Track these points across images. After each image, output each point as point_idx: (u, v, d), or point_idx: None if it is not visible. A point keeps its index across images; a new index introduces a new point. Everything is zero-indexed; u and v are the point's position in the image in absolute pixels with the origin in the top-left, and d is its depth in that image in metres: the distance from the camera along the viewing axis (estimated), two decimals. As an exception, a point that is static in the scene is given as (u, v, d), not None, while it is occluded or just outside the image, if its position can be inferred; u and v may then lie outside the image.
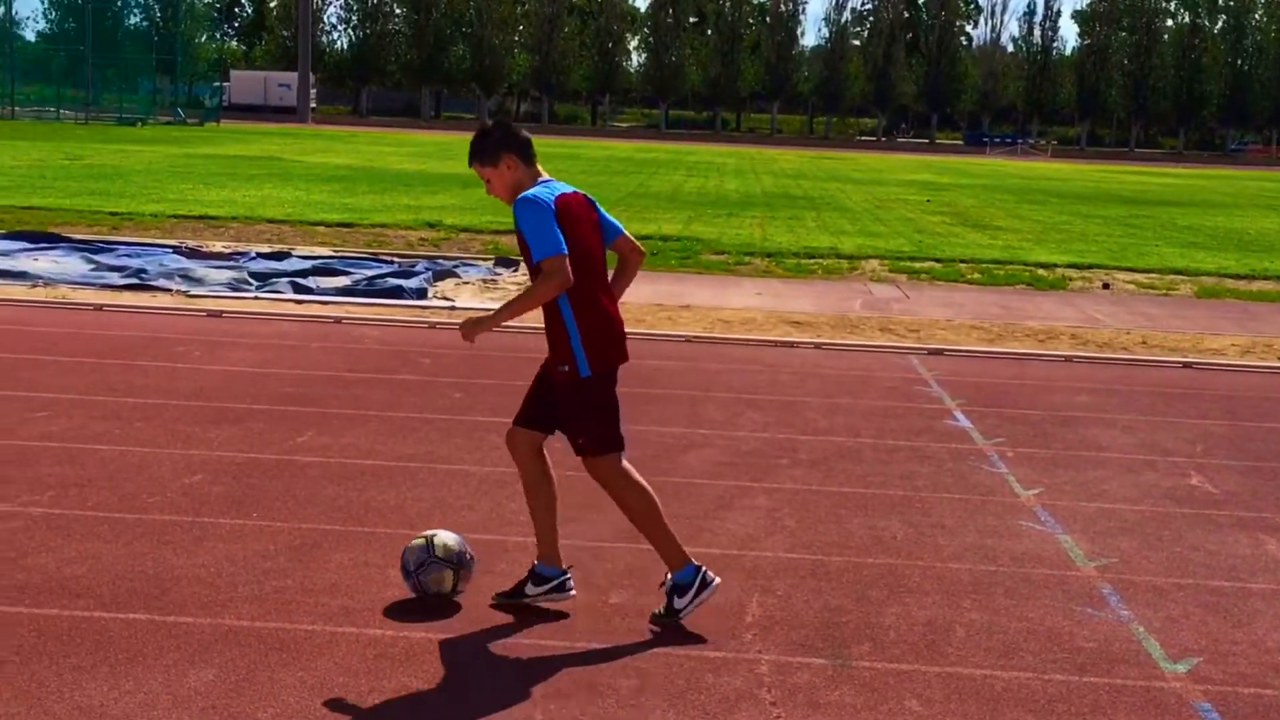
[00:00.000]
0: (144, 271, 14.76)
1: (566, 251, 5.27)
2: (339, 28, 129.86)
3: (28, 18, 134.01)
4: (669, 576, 5.50)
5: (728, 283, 16.67)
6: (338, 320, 12.67)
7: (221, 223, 20.18)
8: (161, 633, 5.10)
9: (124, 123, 69.18)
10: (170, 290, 13.97)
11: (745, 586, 5.97)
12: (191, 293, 13.87)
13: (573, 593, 5.61)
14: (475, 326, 5.40)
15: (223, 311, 12.82)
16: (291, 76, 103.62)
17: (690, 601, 5.44)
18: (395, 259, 17.01)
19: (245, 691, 4.65)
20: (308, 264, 15.95)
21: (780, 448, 8.58)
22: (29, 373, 9.67)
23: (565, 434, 5.51)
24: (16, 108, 71.75)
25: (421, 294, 14.29)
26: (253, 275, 14.91)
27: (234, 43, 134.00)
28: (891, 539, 6.78)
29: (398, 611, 5.44)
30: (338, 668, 4.89)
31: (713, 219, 25.73)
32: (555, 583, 5.58)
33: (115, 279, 14.38)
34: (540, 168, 5.51)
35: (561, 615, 5.50)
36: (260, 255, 16.59)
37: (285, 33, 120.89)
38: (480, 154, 5.44)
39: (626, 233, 5.75)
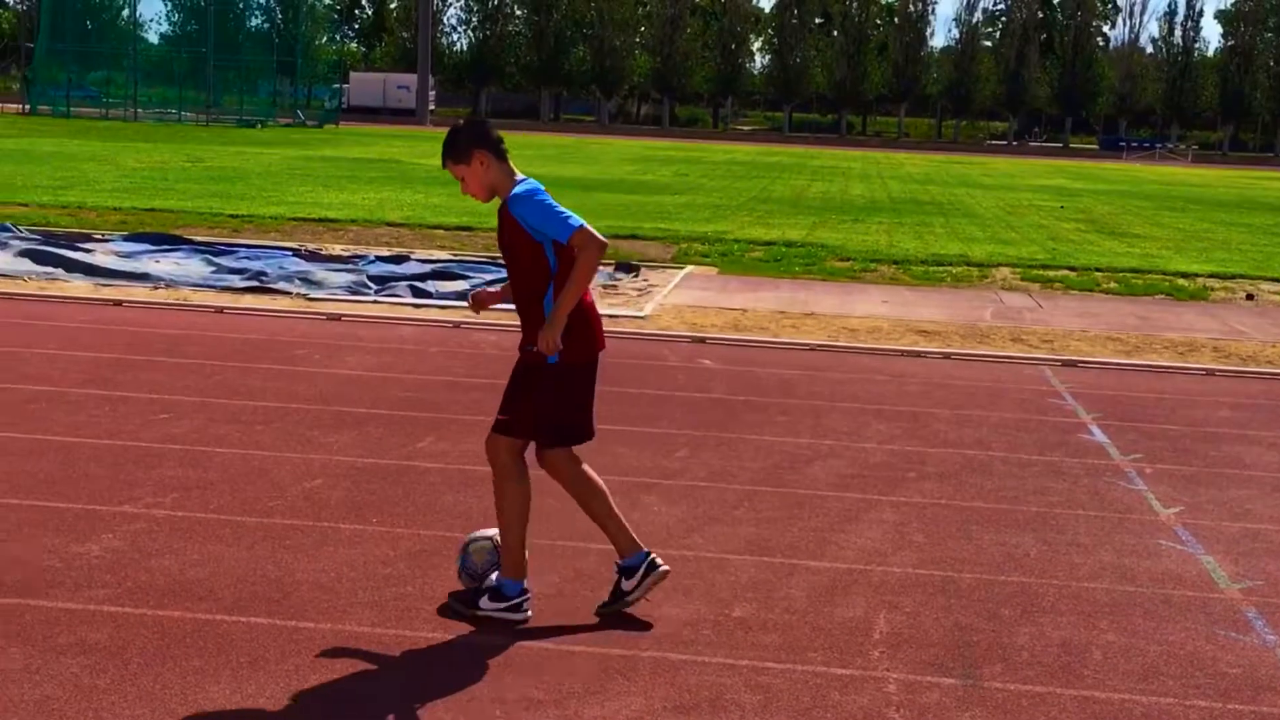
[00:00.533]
0: (264, 274, 15.02)
1: (584, 223, 5.35)
2: (459, 29, 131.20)
3: (151, 20, 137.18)
4: (495, 580, 5.55)
5: (853, 290, 16.59)
6: (456, 325, 12.80)
7: (341, 226, 20.49)
8: (283, 637, 5.18)
9: (244, 125, 70.52)
10: (290, 293, 14.21)
11: (872, 602, 5.94)
12: (311, 296, 14.09)
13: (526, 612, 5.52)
14: (553, 335, 5.36)
15: (342, 315, 13.01)
16: (411, 78, 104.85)
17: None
18: (514, 263, 17.13)
19: (369, 696, 4.71)
20: (426, 268, 16.14)
21: (908, 460, 8.52)
22: (152, 374, 9.89)
23: (501, 405, 5.56)
24: (139, 110, 73.44)
25: (541, 299, 14.38)
26: (371, 279, 15.12)
27: (353, 44, 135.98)
28: (1024, 556, 6.70)
29: (518, 621, 5.48)
30: (458, 674, 4.94)
31: (837, 224, 25.61)
32: (644, 564, 5.60)
33: (236, 281, 14.66)
34: (513, 165, 5.56)
35: (685, 625, 5.50)
36: (379, 259, 16.81)
37: (405, 34, 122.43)
38: (452, 152, 5.50)
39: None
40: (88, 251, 15.91)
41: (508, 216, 5.44)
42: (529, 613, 5.51)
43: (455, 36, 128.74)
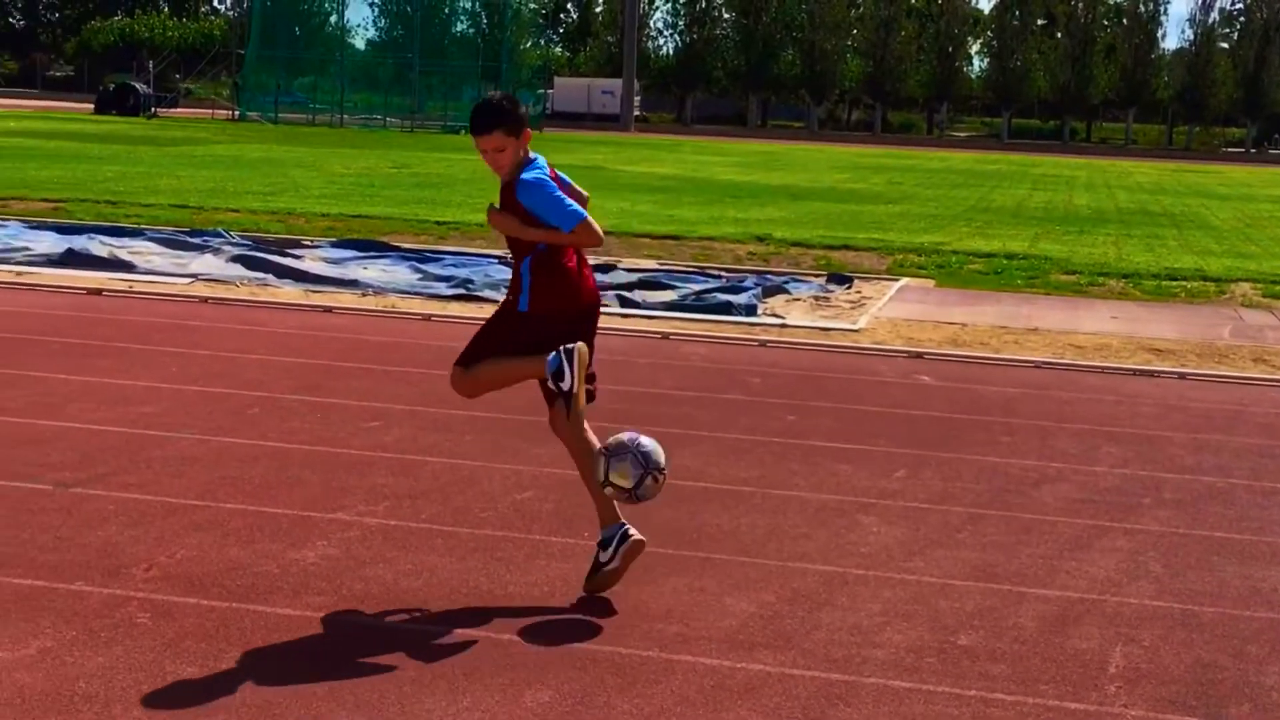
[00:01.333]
0: (470, 282, 15.30)
1: (586, 215, 5.87)
2: (665, 33, 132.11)
3: (358, 26, 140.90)
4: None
5: (1079, 305, 16.27)
6: (664, 336, 12.88)
7: (546, 233, 20.73)
8: (496, 650, 5.27)
9: (448, 131, 71.87)
10: (496, 301, 14.43)
11: (1106, 635, 5.81)
12: (518, 304, 14.29)
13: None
14: (500, 221, 6.00)
15: (549, 324, 13.16)
16: (615, 83, 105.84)
17: (612, 554, 5.86)
18: (723, 273, 17.19)
19: (582, 715, 4.78)
20: (633, 277, 16.26)
21: (1142, 485, 8.32)
22: (361, 381, 10.15)
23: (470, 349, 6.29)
24: (345, 116, 75.41)
25: (751, 310, 14.40)
26: (578, 288, 15.27)
27: (558, 49, 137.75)
28: (1272, 591, 6.50)
29: (735, 641, 5.50)
30: (674, 696, 4.97)
31: (1062, 236, 25.15)
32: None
33: (442, 289, 14.96)
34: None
35: (909, 652, 5.45)
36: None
37: (610, 38, 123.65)
38: (507, 122, 5.83)
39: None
40: (297, 258, 16.38)
41: (514, 196, 5.92)
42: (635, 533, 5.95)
43: (661, 40, 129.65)
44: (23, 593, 5.57)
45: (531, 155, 5.99)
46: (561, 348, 5.97)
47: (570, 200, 5.92)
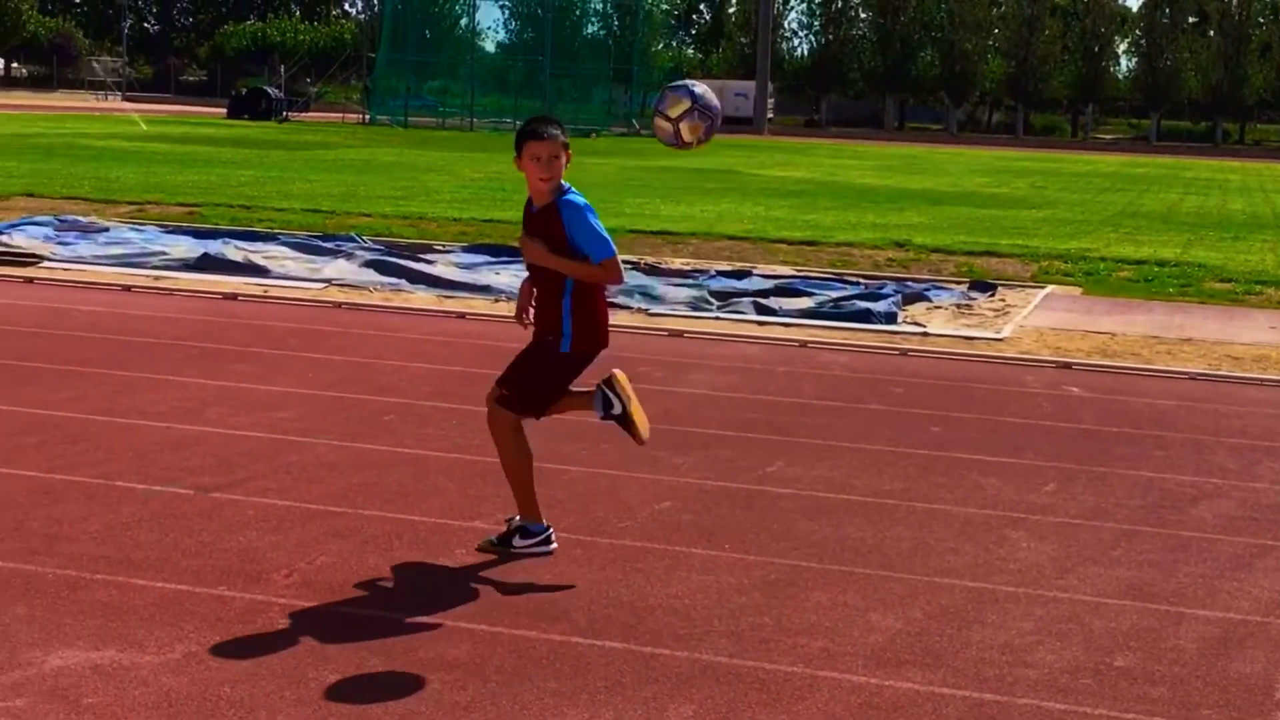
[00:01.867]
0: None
1: (616, 252, 6.36)
2: (800, 34, 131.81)
3: (488, 28, 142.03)
4: (517, 519, 6.57)
5: (1235, 314, 15.95)
6: (802, 344, 12.85)
7: (680, 239, 20.80)
8: (639, 663, 5.30)
9: (578, 134, 72.21)
10: (630, 308, 14.50)
11: (1272, 659, 5.69)
12: (652, 311, 14.35)
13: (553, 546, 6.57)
14: (539, 255, 6.39)
15: (684, 331, 13.21)
16: (749, 85, 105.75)
17: (528, 546, 6.50)
18: (861, 280, 17.10)
19: (726, 731, 4.78)
20: (769, 283, 16.24)
21: (1306, 503, 8.14)
22: (497, 388, 10.23)
23: (501, 377, 6.62)
24: (475, 119, 76.15)
25: (891, 318, 14.31)
26: (713, 294, 15.30)
27: (690, 50, 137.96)
28: None
29: (881, 658, 5.47)
30: (821, 714, 4.95)
31: (1215, 242, 24.68)
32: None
33: (576, 295, 15.03)
34: None
35: (1063, 673, 5.38)
36: (720, 273, 17.00)
37: (743, 39, 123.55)
38: (564, 134, 6.37)
39: None
40: (429, 263, 16.57)
41: (555, 215, 6.28)
42: (555, 545, 6.55)
43: (796, 41, 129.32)
44: (167, 597, 5.70)
45: (566, 184, 6.38)
46: (600, 386, 6.56)
47: (605, 232, 6.33)
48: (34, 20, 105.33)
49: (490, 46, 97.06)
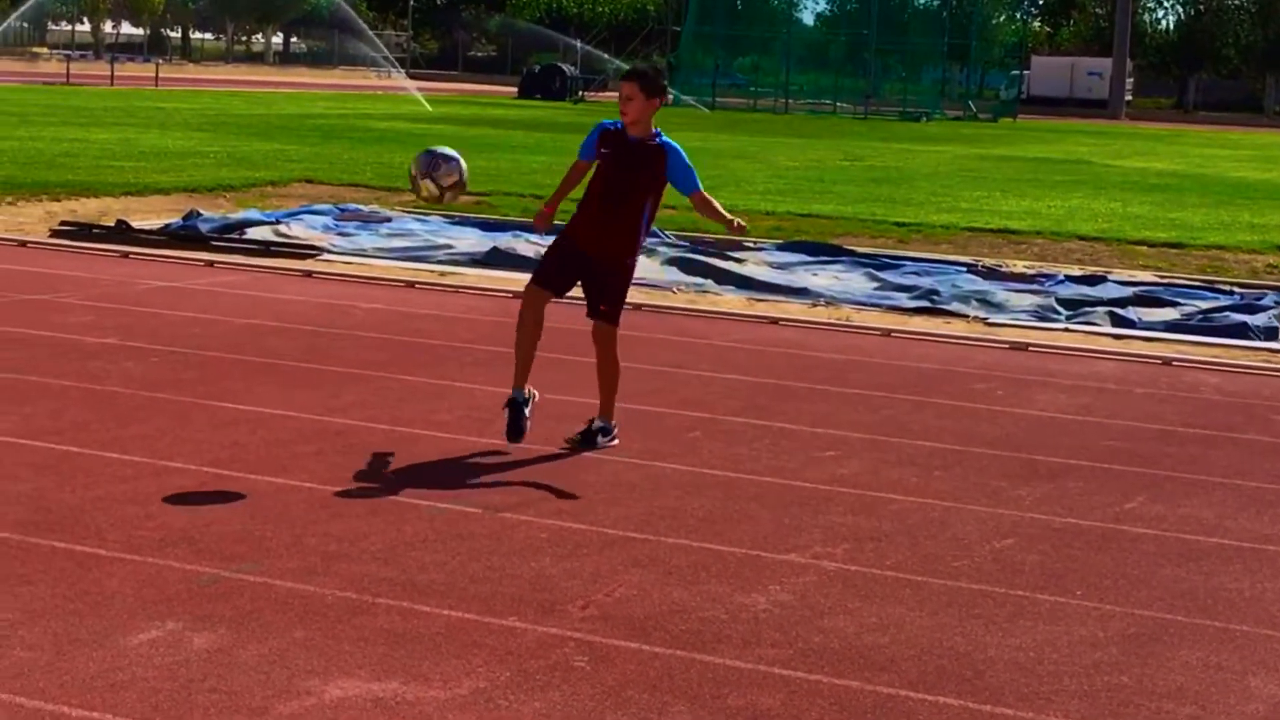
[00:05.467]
0: (935, 293, 15.23)
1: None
2: (1165, 4, 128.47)
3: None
4: (597, 420, 8.70)
5: None
6: (1166, 361, 12.52)
7: (1023, 238, 20.49)
8: (976, 723, 5.23)
9: (906, 118, 71.89)
10: (966, 316, 14.34)
11: None
12: (990, 320, 14.17)
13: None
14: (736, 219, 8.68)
15: (1028, 344, 13.01)
16: (1104, 63, 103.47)
17: (609, 441, 8.68)
18: (1235, 289, 16.56)
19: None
20: (1127, 291, 15.86)
21: None
22: (814, 404, 10.24)
23: (598, 300, 8.61)
24: (790, 100, 76.30)
25: (1270, 334, 13.84)
26: (1061, 302, 15.02)
27: (1036, 23, 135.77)
28: None
29: (1262, 732, 5.28)
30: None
31: None
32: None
33: (903, 300, 14.94)
34: None
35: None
36: (1069, 278, 16.68)
37: (1099, 10, 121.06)
38: (649, 85, 8.54)
39: None
40: (739, 261, 16.66)
41: (658, 153, 8.56)
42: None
43: (1160, 13, 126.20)
44: (454, 626, 5.84)
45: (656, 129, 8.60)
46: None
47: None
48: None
49: (808, 19, 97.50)
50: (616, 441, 8.71)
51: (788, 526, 7.41)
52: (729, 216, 8.56)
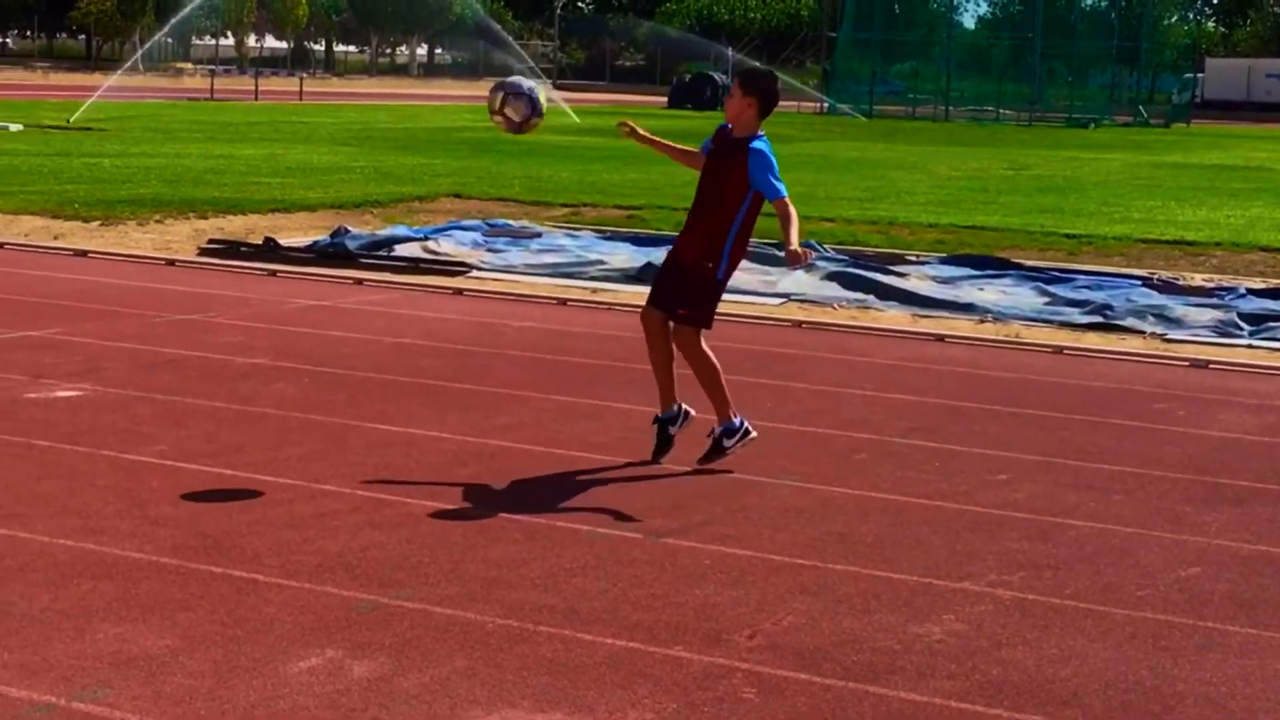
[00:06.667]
0: (1109, 308, 15.04)
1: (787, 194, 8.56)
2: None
3: (968, 0, 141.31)
4: (717, 429, 8.68)
5: None
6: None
7: (1201, 249, 20.18)
8: (1166, 762, 5.15)
9: (1073, 124, 71.15)
10: (1142, 332, 14.15)
11: None
12: (1168, 336, 13.97)
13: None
14: (799, 255, 8.43)
15: (1209, 362, 12.81)
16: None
17: (736, 443, 8.66)
18: None
19: None
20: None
21: None
22: (984, 425, 10.16)
23: (672, 305, 8.60)
24: (950, 107, 75.76)
25: None
26: (1243, 317, 14.78)
27: (1210, 24, 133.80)
28: None
29: None
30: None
31: None
32: (684, 416, 8.82)
33: (1075, 316, 14.77)
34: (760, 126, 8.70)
35: None
36: (1251, 292, 16.40)
37: (1278, 9, 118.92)
38: (745, 85, 8.72)
39: None
40: (901, 276, 16.58)
41: (742, 156, 8.54)
42: (755, 432, 8.78)
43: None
44: (618, 655, 5.87)
45: (760, 132, 8.66)
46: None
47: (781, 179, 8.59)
48: (460, 3, 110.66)
49: (969, 22, 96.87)
50: (752, 435, 8.72)
51: (961, 553, 7.36)
52: (792, 244, 8.39)
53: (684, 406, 8.78)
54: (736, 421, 8.68)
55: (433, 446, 8.97)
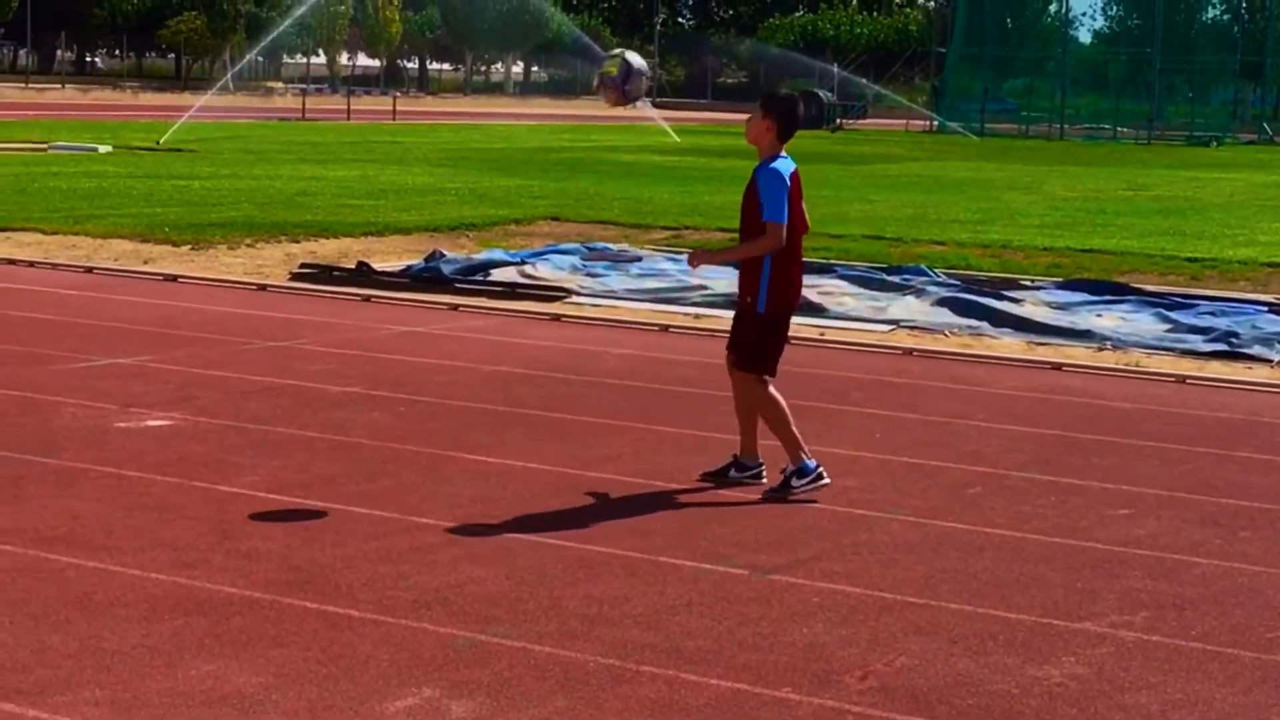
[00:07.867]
0: (1234, 335, 14.89)
1: (786, 222, 8.60)
2: None
3: (1083, 14, 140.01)
4: (789, 468, 8.71)
5: None
6: None
7: (1331, 273, 19.92)
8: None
9: (1194, 142, 70.53)
10: (1270, 360, 13.99)
11: None
12: (1297, 365, 13.82)
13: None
14: (702, 257, 9.33)
15: (1340, 391, 12.65)
16: None
17: (805, 485, 8.67)
18: None
19: None
20: None
21: None
22: (1103, 458, 10.08)
23: (729, 347, 8.93)
24: (1065, 125, 75.30)
25: None
26: (1378, 344, 14.58)
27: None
28: None
29: None
30: None
31: None
32: (753, 471, 8.96)
33: (1198, 343, 14.63)
34: (783, 148, 8.83)
35: None
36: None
37: None
38: (766, 105, 8.83)
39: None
40: (1015, 301, 16.47)
41: (754, 179, 8.71)
42: (827, 477, 8.76)
43: None
44: (724, 696, 5.85)
45: (782, 154, 8.81)
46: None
47: (786, 207, 8.63)
48: (557, 19, 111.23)
49: (1085, 37, 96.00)
50: (824, 481, 8.74)
51: (1080, 592, 7.29)
52: (707, 253, 9.70)
53: (760, 467, 8.98)
54: (810, 464, 8.75)
55: (530, 478, 8.99)
